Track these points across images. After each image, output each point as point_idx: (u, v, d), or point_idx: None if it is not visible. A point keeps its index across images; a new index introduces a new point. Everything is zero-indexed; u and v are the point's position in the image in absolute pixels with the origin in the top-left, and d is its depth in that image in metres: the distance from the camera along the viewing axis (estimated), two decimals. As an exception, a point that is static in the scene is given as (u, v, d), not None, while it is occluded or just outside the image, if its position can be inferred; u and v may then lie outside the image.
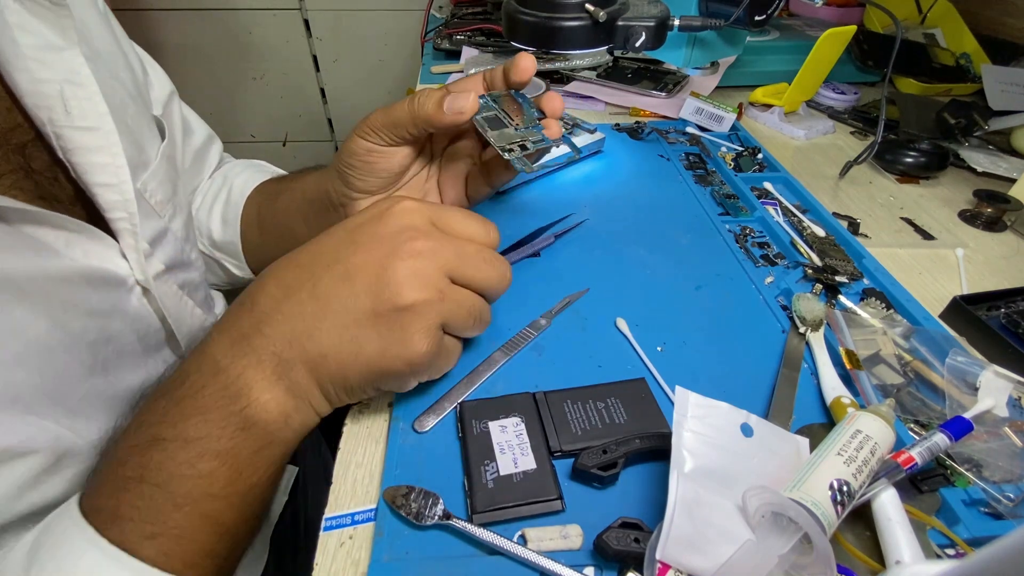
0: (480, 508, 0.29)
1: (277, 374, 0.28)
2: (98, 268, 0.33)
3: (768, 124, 0.72)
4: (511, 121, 0.37)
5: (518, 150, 0.36)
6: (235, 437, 0.27)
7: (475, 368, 0.37)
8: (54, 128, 0.32)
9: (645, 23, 0.50)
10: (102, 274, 0.34)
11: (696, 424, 0.29)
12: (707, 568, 0.24)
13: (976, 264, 0.50)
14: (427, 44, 0.93)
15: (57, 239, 0.31)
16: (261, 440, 0.28)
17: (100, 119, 0.34)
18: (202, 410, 0.27)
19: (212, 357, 0.28)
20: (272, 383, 0.28)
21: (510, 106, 0.38)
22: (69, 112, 0.32)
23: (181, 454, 0.26)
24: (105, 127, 0.34)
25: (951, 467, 0.31)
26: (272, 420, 0.28)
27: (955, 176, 0.63)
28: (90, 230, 0.33)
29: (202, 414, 0.27)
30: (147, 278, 0.36)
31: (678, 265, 0.47)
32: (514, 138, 0.36)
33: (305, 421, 0.30)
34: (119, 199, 0.34)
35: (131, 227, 0.35)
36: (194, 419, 0.27)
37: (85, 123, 0.33)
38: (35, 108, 0.31)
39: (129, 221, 0.35)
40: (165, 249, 0.38)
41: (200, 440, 0.26)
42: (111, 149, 0.34)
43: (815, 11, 0.92)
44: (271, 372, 0.28)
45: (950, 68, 0.81)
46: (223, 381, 0.27)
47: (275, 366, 0.28)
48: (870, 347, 0.38)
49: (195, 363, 0.28)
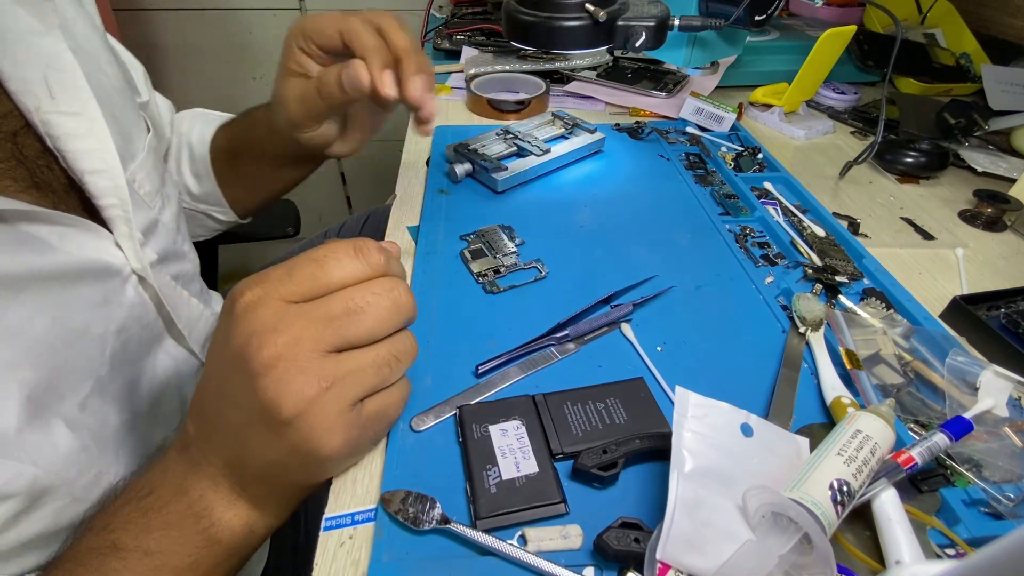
0: (484, 514, 0.28)
1: (235, 492, 0.29)
2: (95, 260, 0.33)
3: (768, 124, 0.72)
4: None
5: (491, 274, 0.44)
6: (196, 554, 0.27)
7: (485, 381, 0.37)
8: (40, 115, 0.32)
9: (645, 23, 0.51)
10: (98, 266, 0.33)
11: (696, 424, 0.29)
12: (707, 568, 0.24)
13: (976, 264, 0.50)
14: (427, 44, 0.93)
15: (51, 234, 0.31)
16: (222, 555, 0.29)
17: (84, 104, 0.33)
18: (165, 526, 0.27)
19: (175, 476, 0.29)
20: (232, 501, 0.29)
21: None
22: (54, 97, 0.32)
23: (139, 566, 0.26)
24: (90, 112, 0.33)
25: (951, 467, 0.31)
26: (236, 534, 0.29)
27: (955, 176, 0.63)
28: (83, 223, 0.33)
29: (165, 529, 0.27)
30: (143, 265, 0.36)
31: (678, 265, 0.47)
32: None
33: (271, 524, 0.30)
34: (110, 185, 0.34)
35: (123, 214, 0.35)
36: (157, 533, 0.27)
37: (70, 108, 0.33)
38: (20, 94, 0.31)
39: (121, 208, 0.35)
40: (158, 240, 0.39)
41: (160, 554, 0.27)
42: (98, 134, 0.34)
43: (815, 11, 0.92)
44: (228, 491, 0.29)
45: (950, 68, 0.81)
46: (187, 502, 0.28)
47: (231, 486, 0.29)
48: (870, 347, 0.38)
49: (159, 477, 0.29)
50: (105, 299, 0.34)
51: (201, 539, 0.28)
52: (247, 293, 0.26)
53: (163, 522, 0.27)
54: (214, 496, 0.28)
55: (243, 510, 0.29)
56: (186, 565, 0.27)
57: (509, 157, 0.58)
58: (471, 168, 0.57)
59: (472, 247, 0.47)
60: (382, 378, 0.27)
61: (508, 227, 0.50)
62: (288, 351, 0.24)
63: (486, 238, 0.48)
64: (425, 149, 0.64)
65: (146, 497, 0.28)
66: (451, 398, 0.35)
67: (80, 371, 0.31)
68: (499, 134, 0.61)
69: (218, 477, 0.28)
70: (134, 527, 0.27)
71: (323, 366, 0.25)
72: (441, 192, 0.56)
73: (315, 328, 0.25)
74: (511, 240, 0.48)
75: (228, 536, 0.28)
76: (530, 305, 0.43)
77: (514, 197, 0.56)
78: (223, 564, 0.29)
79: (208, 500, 0.28)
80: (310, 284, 0.26)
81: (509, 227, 0.50)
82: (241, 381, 0.25)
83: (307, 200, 1.32)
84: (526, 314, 0.41)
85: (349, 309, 0.26)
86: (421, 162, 0.61)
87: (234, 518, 0.29)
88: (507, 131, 0.61)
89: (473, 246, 0.48)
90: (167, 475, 0.29)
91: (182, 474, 0.29)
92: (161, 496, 0.28)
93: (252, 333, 0.25)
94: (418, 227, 0.50)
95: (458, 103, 0.75)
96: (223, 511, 0.28)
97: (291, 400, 0.24)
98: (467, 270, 0.45)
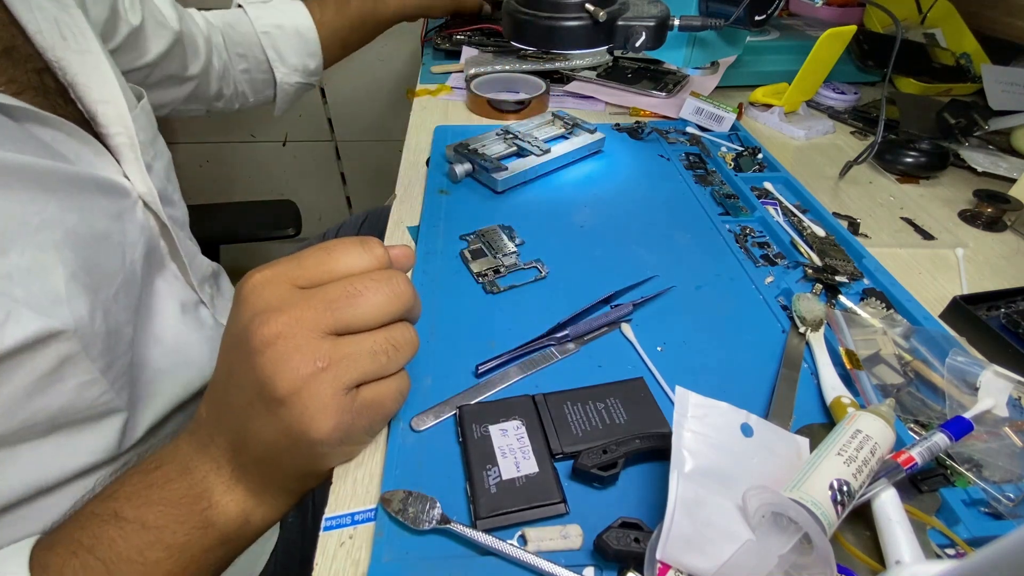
0: (484, 514, 0.28)
1: (235, 477, 0.29)
2: (107, 178, 0.36)
3: (768, 124, 0.72)
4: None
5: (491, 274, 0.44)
6: (190, 534, 0.28)
7: (485, 381, 0.37)
8: (55, 53, 0.36)
9: (645, 23, 0.50)
10: (110, 183, 0.37)
11: (696, 424, 0.29)
12: (707, 568, 0.24)
13: (976, 264, 0.50)
14: (427, 44, 0.93)
15: (68, 149, 0.35)
16: (214, 540, 0.29)
17: (90, 43, 0.38)
18: (166, 502, 0.28)
19: (183, 455, 0.29)
20: (231, 486, 0.29)
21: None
22: (65, 39, 0.36)
23: (135, 538, 0.27)
24: (95, 50, 0.38)
25: (951, 467, 0.31)
26: (231, 520, 0.29)
27: (955, 176, 0.63)
28: (95, 144, 0.37)
29: (165, 505, 0.28)
30: (149, 189, 0.39)
31: (678, 265, 0.47)
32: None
33: (267, 516, 0.31)
34: (116, 114, 0.38)
35: (129, 141, 0.38)
36: (157, 508, 0.28)
37: (79, 47, 0.37)
38: (37, 34, 0.35)
39: (127, 135, 0.38)
40: (155, 180, 0.41)
41: (157, 529, 0.27)
42: (101, 68, 0.38)
43: (815, 11, 0.92)
44: (228, 475, 0.29)
45: (950, 68, 0.81)
46: (189, 481, 0.29)
47: (232, 470, 0.29)
48: (870, 347, 0.38)
49: (169, 454, 0.30)
50: (119, 214, 0.37)
51: (197, 520, 0.28)
52: (256, 275, 0.27)
53: (164, 498, 0.28)
54: (215, 479, 0.29)
55: (240, 495, 0.29)
56: (179, 544, 0.28)
57: (509, 157, 0.58)
58: (471, 168, 0.57)
59: (472, 247, 0.47)
60: (379, 365, 0.28)
61: (508, 227, 0.50)
62: (288, 329, 0.25)
63: (486, 238, 0.48)
64: (425, 149, 0.64)
65: (153, 471, 0.29)
66: (451, 398, 0.35)
67: (109, 269, 0.34)
68: (499, 134, 0.61)
69: (221, 460, 0.29)
70: (137, 499, 0.28)
71: (320, 346, 0.26)
72: (441, 192, 0.56)
73: (315, 310, 0.26)
74: (511, 240, 0.48)
75: (223, 521, 0.29)
76: (530, 305, 0.43)
77: (514, 197, 0.56)
78: (214, 550, 0.29)
79: (209, 482, 0.29)
80: (316, 270, 0.28)
81: (509, 227, 0.50)
82: (243, 358, 0.26)
83: (307, 200, 1.32)
84: (526, 314, 0.41)
85: (348, 293, 0.27)
86: (421, 162, 0.61)
87: (231, 503, 0.29)
88: (507, 131, 0.61)
89: (473, 246, 0.48)
90: (176, 453, 0.30)
91: (189, 454, 0.29)
92: (167, 472, 0.29)
93: (256, 312, 0.26)
94: (418, 227, 0.51)
95: (458, 103, 0.75)
96: (222, 495, 0.29)
97: (287, 377, 0.25)
98: (467, 270, 0.45)
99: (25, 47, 0.35)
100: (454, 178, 0.56)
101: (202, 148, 1.46)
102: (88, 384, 0.32)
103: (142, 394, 0.38)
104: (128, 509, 0.27)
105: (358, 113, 1.45)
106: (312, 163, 1.53)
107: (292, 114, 1.55)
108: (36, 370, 0.29)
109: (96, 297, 0.33)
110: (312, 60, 0.71)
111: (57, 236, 0.31)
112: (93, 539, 0.27)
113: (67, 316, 0.30)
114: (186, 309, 0.43)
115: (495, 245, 0.47)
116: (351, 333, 0.27)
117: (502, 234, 0.49)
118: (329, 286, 0.27)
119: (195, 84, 0.61)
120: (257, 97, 0.72)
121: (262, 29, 0.67)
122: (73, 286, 0.31)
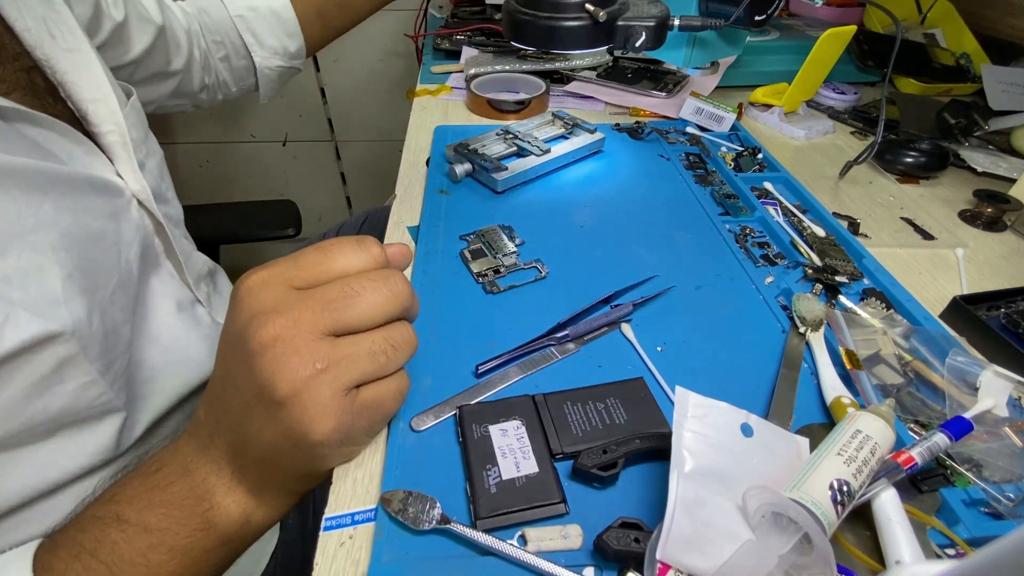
0: (483, 514, 0.28)
1: (236, 478, 0.29)
2: (100, 177, 0.36)
3: (768, 124, 0.72)
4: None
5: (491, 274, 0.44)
6: (192, 536, 0.28)
7: (485, 381, 0.37)
8: (43, 51, 0.35)
9: (645, 23, 0.50)
10: (104, 182, 0.36)
11: (696, 424, 0.29)
12: (707, 568, 0.24)
13: (976, 264, 0.50)
14: (427, 44, 0.93)
15: (60, 149, 0.34)
16: (216, 540, 0.29)
17: (79, 42, 0.37)
18: (168, 504, 0.28)
19: (183, 457, 0.29)
20: (231, 487, 0.29)
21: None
22: (54, 37, 0.36)
23: (137, 540, 0.27)
24: (83, 48, 0.37)
25: (951, 467, 0.31)
26: (233, 521, 0.29)
27: (955, 176, 0.63)
28: (88, 143, 0.36)
29: (167, 508, 0.28)
30: (143, 188, 0.39)
31: (678, 265, 0.47)
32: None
33: (267, 517, 0.31)
34: (107, 112, 0.37)
35: (121, 139, 0.38)
36: (159, 510, 0.28)
37: (67, 45, 0.37)
38: (25, 32, 0.35)
39: (119, 134, 0.38)
40: (148, 178, 0.40)
41: (159, 531, 0.27)
42: (91, 66, 0.37)
43: (815, 11, 0.92)
44: (229, 476, 0.29)
45: (950, 68, 0.81)
46: (190, 483, 0.29)
47: (232, 471, 0.29)
48: (870, 347, 0.38)
49: (170, 456, 0.30)
50: (113, 213, 0.36)
51: (199, 521, 0.28)
52: (252, 277, 0.27)
53: (166, 500, 0.28)
54: (216, 480, 0.29)
55: (241, 496, 0.29)
56: (181, 546, 0.28)
57: (509, 157, 0.58)
58: (471, 168, 0.57)
59: (472, 247, 0.47)
60: (378, 365, 0.27)
61: (508, 227, 0.50)
62: (286, 332, 0.25)
63: (486, 238, 0.48)
64: (425, 149, 0.64)
65: (154, 474, 0.29)
66: (451, 398, 0.35)
67: (105, 269, 0.34)
68: (499, 134, 0.61)
69: (221, 461, 0.29)
70: (139, 502, 0.28)
71: (318, 348, 0.25)
72: (441, 192, 0.56)
73: (313, 311, 0.26)
74: (511, 240, 0.48)
75: (224, 522, 0.29)
76: (530, 305, 0.43)
77: (514, 197, 0.56)
78: (216, 551, 0.29)
79: (210, 483, 0.29)
80: (313, 270, 0.27)
81: (509, 227, 0.50)
82: (241, 360, 0.26)
83: (307, 200, 1.32)
84: (526, 314, 0.41)
85: (345, 293, 0.26)
86: (421, 162, 0.61)
87: (232, 504, 0.29)
88: (507, 131, 0.61)
89: (473, 246, 0.48)
90: (176, 455, 0.29)
91: (189, 456, 0.29)
92: (168, 475, 0.29)
93: (254, 314, 0.26)
94: (418, 227, 0.51)
95: (458, 103, 0.75)
96: (223, 496, 0.29)
97: (286, 380, 0.25)
98: (467, 270, 0.45)
99: (13, 46, 0.34)
100: (454, 178, 0.56)
101: (202, 148, 1.46)
102: (87, 385, 0.32)
103: (140, 393, 0.38)
104: (130, 512, 0.27)
105: (358, 113, 1.45)
106: (312, 163, 1.53)
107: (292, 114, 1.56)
108: (35, 373, 0.29)
109: (93, 298, 0.32)
110: (292, 41, 0.67)
111: (52, 237, 0.31)
112: (96, 542, 0.27)
113: (65, 318, 0.30)
114: (182, 307, 0.43)
115: (495, 245, 0.47)
116: (349, 333, 0.27)
117: (502, 234, 0.49)
118: (326, 287, 0.27)
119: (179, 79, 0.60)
120: (240, 86, 0.69)
121: (236, 13, 0.64)
122: (70, 287, 0.31)
